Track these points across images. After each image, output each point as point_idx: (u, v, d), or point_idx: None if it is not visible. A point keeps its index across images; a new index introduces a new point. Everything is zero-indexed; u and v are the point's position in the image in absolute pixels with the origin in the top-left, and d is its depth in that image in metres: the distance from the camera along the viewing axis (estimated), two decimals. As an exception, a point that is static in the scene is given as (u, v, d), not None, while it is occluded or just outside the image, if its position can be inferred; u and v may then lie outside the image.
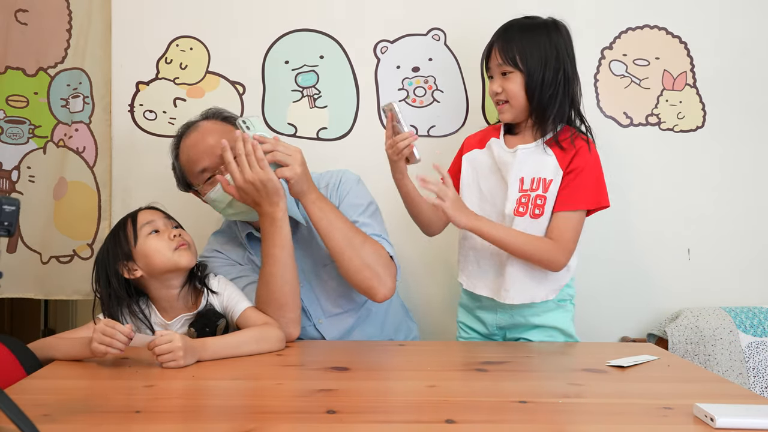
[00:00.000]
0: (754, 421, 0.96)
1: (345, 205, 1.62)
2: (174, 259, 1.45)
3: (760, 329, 1.91)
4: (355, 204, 1.63)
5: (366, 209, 1.63)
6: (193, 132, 1.61)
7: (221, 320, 1.48)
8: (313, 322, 1.65)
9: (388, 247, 1.57)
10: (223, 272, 1.59)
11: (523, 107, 1.57)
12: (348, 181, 1.67)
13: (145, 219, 1.48)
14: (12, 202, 0.93)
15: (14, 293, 2.06)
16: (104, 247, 1.49)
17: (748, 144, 2.03)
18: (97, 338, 1.25)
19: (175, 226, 1.51)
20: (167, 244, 1.45)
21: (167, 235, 1.46)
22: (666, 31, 2.02)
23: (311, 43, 2.00)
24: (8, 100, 2.03)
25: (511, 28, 1.61)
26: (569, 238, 1.53)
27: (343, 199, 1.64)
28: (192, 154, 1.58)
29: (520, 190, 1.56)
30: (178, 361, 1.25)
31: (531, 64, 1.54)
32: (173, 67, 2.00)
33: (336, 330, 1.65)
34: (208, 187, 1.57)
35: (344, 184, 1.66)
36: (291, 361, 1.37)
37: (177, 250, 1.45)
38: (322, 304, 1.66)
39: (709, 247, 2.02)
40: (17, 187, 2.05)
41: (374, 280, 1.51)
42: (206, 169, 1.56)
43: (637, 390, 1.18)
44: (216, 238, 1.73)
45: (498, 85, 1.58)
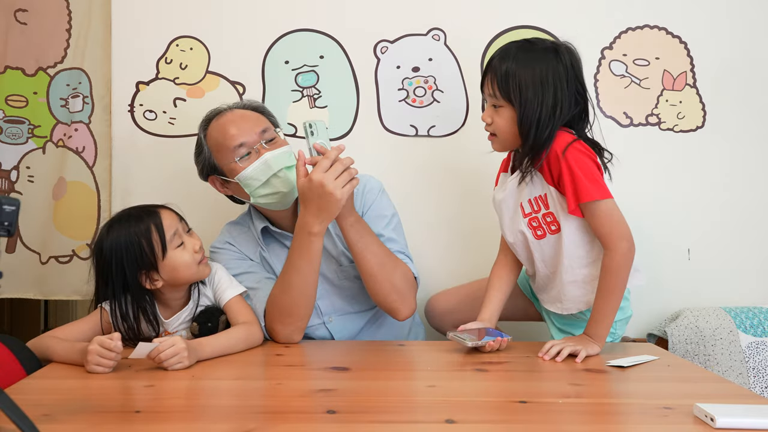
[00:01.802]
0: (754, 421, 0.96)
1: (370, 216, 1.62)
2: (199, 272, 1.47)
3: (760, 329, 1.91)
4: (381, 215, 1.63)
5: (390, 221, 1.64)
6: (228, 113, 1.61)
7: (223, 315, 1.51)
8: (324, 320, 1.65)
9: (411, 265, 1.58)
10: (232, 266, 1.59)
11: (511, 142, 1.50)
12: (373, 189, 1.67)
13: (171, 228, 1.45)
14: (12, 202, 0.93)
15: (14, 293, 2.06)
16: (120, 253, 1.42)
17: (748, 144, 2.03)
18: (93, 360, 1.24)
19: (187, 230, 1.50)
20: (193, 258, 1.45)
21: (191, 246, 1.46)
22: (666, 31, 2.02)
23: (311, 43, 1.99)
24: (8, 99, 2.03)
25: (507, 55, 1.46)
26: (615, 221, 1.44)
27: (368, 208, 1.64)
28: (230, 130, 1.57)
29: (524, 215, 1.53)
30: (183, 362, 1.26)
31: (525, 100, 1.42)
32: (173, 67, 1.99)
33: (345, 330, 1.65)
34: (244, 163, 1.55)
35: (369, 193, 1.66)
36: (291, 361, 1.37)
37: (201, 264, 1.47)
38: (334, 301, 1.65)
39: (709, 247, 2.02)
40: (16, 187, 2.05)
41: (399, 302, 1.53)
42: (244, 144, 1.55)
43: (637, 390, 1.18)
44: (230, 229, 1.71)
45: (488, 116, 1.50)
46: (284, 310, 1.50)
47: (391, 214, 1.65)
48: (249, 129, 1.57)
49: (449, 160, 2.01)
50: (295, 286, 1.47)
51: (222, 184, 1.64)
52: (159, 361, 1.24)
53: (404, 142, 2.00)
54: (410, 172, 1.99)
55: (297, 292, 1.47)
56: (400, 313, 1.54)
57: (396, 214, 1.67)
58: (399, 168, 1.98)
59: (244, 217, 1.74)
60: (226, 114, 1.61)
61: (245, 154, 1.55)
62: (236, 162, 1.55)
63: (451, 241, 1.99)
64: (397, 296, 1.52)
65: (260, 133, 1.57)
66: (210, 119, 1.64)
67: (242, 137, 1.55)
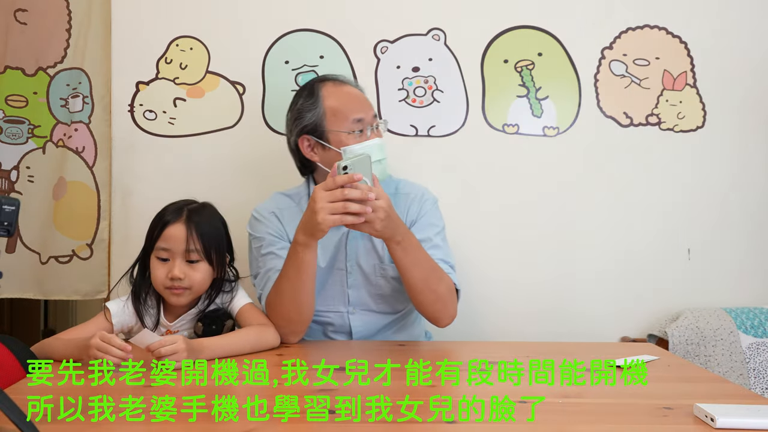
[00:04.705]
0: (755, 422, 0.96)
1: (424, 222, 1.63)
2: (165, 293, 1.45)
3: (761, 330, 1.91)
4: (432, 224, 1.64)
5: (440, 231, 1.65)
6: (348, 86, 1.63)
7: (229, 320, 1.49)
8: (348, 310, 1.64)
9: (454, 276, 1.58)
10: (265, 241, 1.58)
11: None
12: (430, 200, 1.69)
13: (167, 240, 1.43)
14: (11, 202, 0.93)
15: (14, 293, 2.06)
16: None
17: (748, 144, 2.03)
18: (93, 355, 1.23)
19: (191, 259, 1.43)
20: (162, 280, 1.42)
21: (168, 270, 1.42)
22: (666, 31, 2.02)
23: (311, 43, 1.99)
24: (7, 99, 2.03)
25: None
26: None
27: (423, 215, 1.65)
28: (352, 101, 1.59)
29: None
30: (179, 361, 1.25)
31: None
32: (173, 67, 1.99)
33: (364, 326, 1.64)
34: (353, 139, 1.56)
35: (426, 202, 1.67)
36: (291, 361, 1.37)
37: (169, 290, 1.43)
38: (362, 295, 1.64)
39: (709, 247, 2.02)
40: (16, 187, 2.05)
41: (442, 312, 1.54)
42: (362, 121, 1.57)
43: (637, 390, 1.18)
44: (280, 200, 1.67)
45: None
46: (277, 313, 1.49)
47: (442, 226, 1.67)
48: (369, 108, 1.61)
49: (449, 160, 2.01)
50: (285, 292, 1.46)
51: (313, 147, 1.61)
52: (157, 354, 1.24)
53: (404, 142, 2.00)
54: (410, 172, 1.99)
55: (287, 299, 1.47)
56: (441, 322, 1.56)
57: (445, 227, 1.69)
58: (399, 168, 1.98)
59: (299, 190, 1.70)
60: (347, 85, 1.63)
61: (358, 131, 1.56)
62: (348, 134, 1.56)
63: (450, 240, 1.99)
64: (440, 305, 1.53)
65: (374, 116, 1.61)
66: (324, 81, 1.63)
67: (363, 113, 1.58)
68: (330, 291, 1.64)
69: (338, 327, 1.65)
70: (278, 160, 2.00)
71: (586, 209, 2.01)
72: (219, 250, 1.47)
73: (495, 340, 1.88)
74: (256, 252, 1.61)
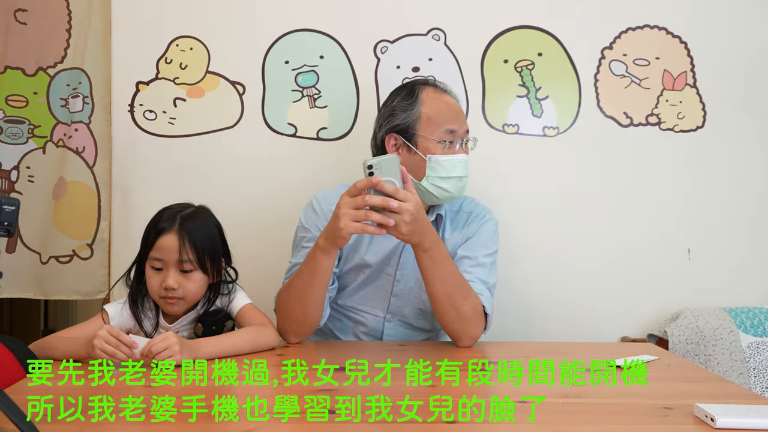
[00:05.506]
0: (755, 422, 0.96)
1: (477, 240, 1.61)
2: (160, 302, 1.44)
3: (761, 329, 1.91)
4: (485, 245, 1.61)
5: (491, 254, 1.62)
6: (444, 93, 1.62)
7: (229, 321, 1.49)
8: (385, 316, 1.63)
9: (486, 299, 1.52)
10: (308, 233, 1.56)
11: None
12: (491, 221, 1.66)
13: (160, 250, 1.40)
14: (11, 202, 0.93)
15: (14, 293, 2.06)
16: None
17: (748, 144, 2.03)
18: (99, 345, 1.23)
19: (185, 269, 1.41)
20: (157, 290, 1.41)
21: (162, 280, 1.40)
22: (666, 31, 2.02)
23: (311, 43, 2.00)
24: (8, 99, 2.03)
25: None
26: None
27: (479, 234, 1.63)
28: (451, 111, 1.58)
29: None
30: (175, 356, 1.24)
31: None
32: (173, 67, 1.99)
33: (394, 337, 1.63)
34: (440, 148, 1.55)
35: (487, 222, 1.65)
36: (291, 361, 1.37)
37: (164, 300, 1.42)
38: (404, 306, 1.63)
39: (709, 247, 2.02)
40: (16, 187, 2.05)
41: (462, 331, 1.49)
42: (454, 132, 1.56)
43: (637, 390, 1.18)
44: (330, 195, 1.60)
45: None
46: (283, 308, 1.49)
47: (494, 249, 1.63)
48: (463, 122, 1.59)
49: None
50: (295, 291, 1.46)
51: (399, 147, 1.59)
52: (151, 355, 1.24)
53: (404, 142, 2.00)
54: (410, 172, 1.99)
55: (295, 297, 1.46)
56: (460, 341, 1.51)
57: (497, 252, 1.65)
58: (399, 168, 1.98)
59: None
60: (447, 95, 1.62)
61: (448, 141, 1.55)
62: (437, 142, 1.55)
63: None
64: (461, 325, 1.48)
65: (466, 132, 1.60)
66: (426, 85, 1.62)
67: (457, 125, 1.56)
68: (372, 292, 1.62)
69: (370, 330, 1.64)
70: (278, 160, 2.00)
71: (586, 209, 2.02)
72: (214, 257, 1.45)
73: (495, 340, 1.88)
74: (299, 240, 1.59)
